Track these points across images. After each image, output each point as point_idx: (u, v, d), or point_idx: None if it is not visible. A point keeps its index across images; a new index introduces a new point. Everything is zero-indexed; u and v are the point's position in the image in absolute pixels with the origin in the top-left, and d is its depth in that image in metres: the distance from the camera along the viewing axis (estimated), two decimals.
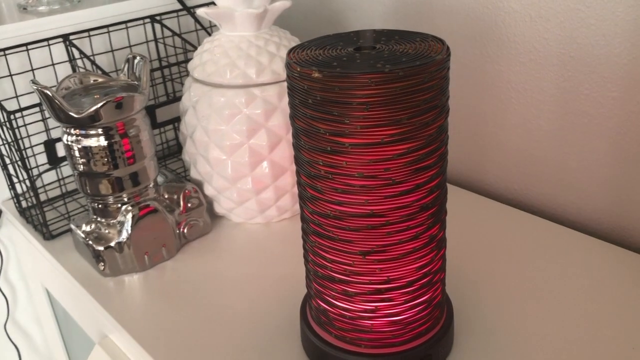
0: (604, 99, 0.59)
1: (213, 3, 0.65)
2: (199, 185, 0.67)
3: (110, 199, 0.60)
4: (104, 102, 0.55)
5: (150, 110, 0.70)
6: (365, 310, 0.44)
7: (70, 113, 0.55)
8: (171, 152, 0.84)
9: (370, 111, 0.37)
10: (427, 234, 0.42)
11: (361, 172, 0.39)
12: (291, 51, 0.41)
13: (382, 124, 0.38)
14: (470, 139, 0.73)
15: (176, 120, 0.75)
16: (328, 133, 0.39)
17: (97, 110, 0.55)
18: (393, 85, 0.36)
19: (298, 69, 0.38)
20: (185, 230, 0.65)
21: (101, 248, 0.60)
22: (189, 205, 0.65)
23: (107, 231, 0.61)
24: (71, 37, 0.71)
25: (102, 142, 0.57)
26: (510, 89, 0.66)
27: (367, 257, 0.42)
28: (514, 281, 0.56)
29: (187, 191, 0.65)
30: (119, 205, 0.61)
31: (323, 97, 0.38)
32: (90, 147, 0.57)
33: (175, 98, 0.74)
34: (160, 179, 0.67)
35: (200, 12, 0.62)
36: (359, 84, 0.36)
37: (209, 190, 0.67)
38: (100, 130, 0.57)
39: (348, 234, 0.41)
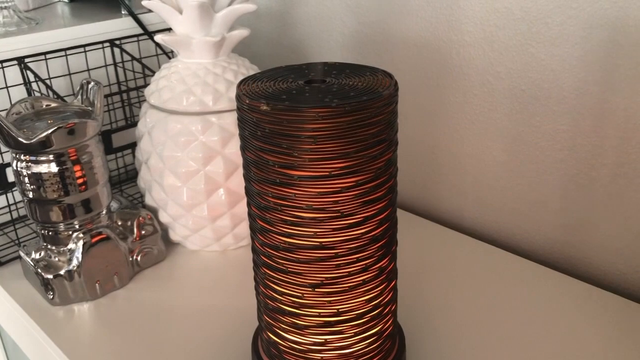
0: (554, 132, 0.61)
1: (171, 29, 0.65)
2: (154, 212, 0.66)
3: (61, 226, 0.59)
4: (55, 127, 0.54)
5: (106, 136, 0.69)
6: (315, 343, 0.43)
7: (20, 139, 0.54)
8: (129, 177, 0.82)
9: (318, 144, 0.37)
10: (376, 266, 0.42)
11: (310, 204, 0.39)
12: (242, 83, 0.41)
13: (330, 157, 0.38)
14: (427, 168, 0.74)
15: (133, 146, 0.74)
16: (277, 165, 0.39)
17: (48, 136, 0.54)
18: (340, 119, 0.37)
19: (247, 101, 0.39)
20: (139, 258, 0.64)
21: (50, 276, 0.58)
22: (143, 232, 0.64)
23: (57, 259, 0.60)
24: (27, 59, 0.70)
25: (53, 168, 0.56)
26: (465, 119, 0.68)
27: (316, 290, 0.42)
28: (467, 310, 0.57)
29: (141, 218, 0.64)
30: (70, 232, 0.59)
31: (272, 130, 0.38)
32: (41, 173, 0.56)
33: (131, 123, 0.73)
34: (114, 205, 0.66)
35: (157, 38, 0.62)
36: (307, 117, 0.37)
37: (164, 217, 0.66)
38: (51, 157, 0.56)
39: (298, 266, 0.41)
